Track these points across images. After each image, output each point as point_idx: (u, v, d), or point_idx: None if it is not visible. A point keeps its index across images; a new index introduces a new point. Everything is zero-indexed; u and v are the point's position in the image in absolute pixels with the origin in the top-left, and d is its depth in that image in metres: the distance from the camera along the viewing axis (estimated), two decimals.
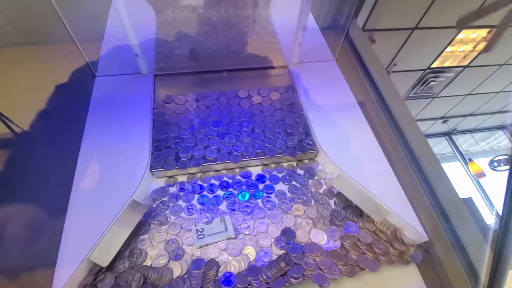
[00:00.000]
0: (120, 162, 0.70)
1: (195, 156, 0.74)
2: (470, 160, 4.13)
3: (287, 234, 0.67)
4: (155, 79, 0.88)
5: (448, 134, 4.37)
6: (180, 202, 0.71)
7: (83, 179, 0.67)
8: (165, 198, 0.71)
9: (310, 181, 0.76)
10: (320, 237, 0.67)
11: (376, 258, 0.64)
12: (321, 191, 0.75)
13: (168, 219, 0.68)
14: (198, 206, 0.70)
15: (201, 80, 0.91)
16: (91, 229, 0.60)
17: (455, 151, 4.41)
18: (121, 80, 0.85)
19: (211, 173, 0.76)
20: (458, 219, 0.71)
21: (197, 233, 0.66)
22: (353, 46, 1.07)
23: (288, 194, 0.74)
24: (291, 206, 0.72)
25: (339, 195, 0.74)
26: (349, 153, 0.76)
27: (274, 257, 0.64)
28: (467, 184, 4.18)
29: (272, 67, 0.95)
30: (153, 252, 0.63)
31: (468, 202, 2.63)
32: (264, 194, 0.73)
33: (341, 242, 0.66)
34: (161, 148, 0.74)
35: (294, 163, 0.80)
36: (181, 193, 0.72)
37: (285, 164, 0.79)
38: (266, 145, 0.78)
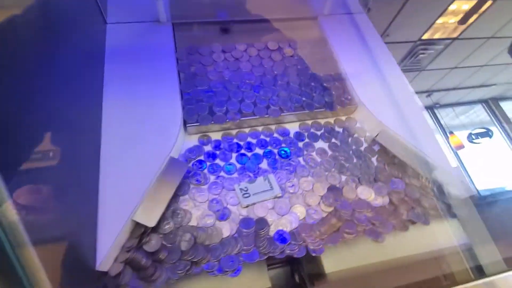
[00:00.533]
0: (150, 118, 0.63)
1: (230, 110, 0.68)
2: (451, 133, 4.32)
3: (334, 191, 0.64)
4: (174, 28, 0.78)
5: (430, 108, 4.51)
6: (218, 161, 0.65)
7: (112, 138, 0.59)
8: (201, 157, 0.65)
9: (350, 138, 0.73)
10: (367, 194, 0.65)
11: (427, 212, 0.63)
12: (362, 148, 0.72)
13: (208, 179, 0.63)
14: (238, 165, 0.65)
15: (224, 30, 0.82)
16: (129, 190, 0.54)
17: (437, 124, 4.59)
18: (137, 28, 0.74)
19: (247, 130, 0.70)
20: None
21: (241, 192, 0.61)
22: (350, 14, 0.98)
23: (330, 152, 0.70)
24: (334, 163, 0.68)
25: (381, 152, 0.71)
26: (390, 108, 0.73)
27: (324, 215, 0.61)
28: (447, 156, 4.39)
29: (301, 18, 0.87)
30: (198, 212, 0.58)
31: (457, 170, 2.77)
32: (305, 152, 0.69)
33: (389, 198, 0.65)
34: (192, 102, 0.67)
35: (332, 120, 0.76)
36: (218, 152, 0.66)
37: (322, 122, 0.75)
38: (304, 99, 0.73)
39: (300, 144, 0.70)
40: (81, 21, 0.70)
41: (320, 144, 0.71)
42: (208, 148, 0.67)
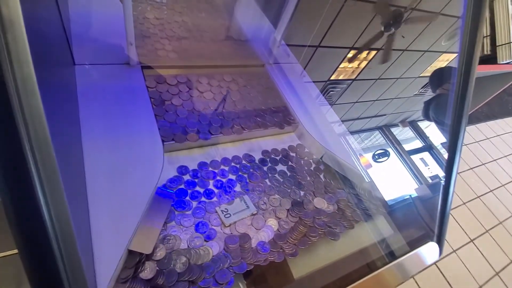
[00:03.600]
0: (132, 151, 0.66)
1: (201, 131, 0.78)
2: (360, 154, 5.18)
3: (297, 204, 0.78)
4: (142, 69, 0.85)
5: (343, 135, 5.36)
6: (198, 188, 0.72)
7: (96, 174, 0.60)
8: (182, 186, 0.71)
9: (302, 161, 0.90)
10: (321, 204, 0.81)
11: (364, 212, 0.82)
12: (312, 168, 0.90)
13: (191, 205, 0.69)
14: (216, 190, 0.74)
15: (187, 71, 0.93)
16: (121, 222, 0.56)
17: (349, 148, 5.45)
18: (107, 70, 0.78)
19: (218, 146, 0.81)
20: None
21: (223, 213, 0.69)
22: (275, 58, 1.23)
23: (289, 173, 0.85)
24: (293, 182, 0.83)
25: (326, 170, 0.90)
26: (328, 135, 0.94)
27: (292, 224, 0.74)
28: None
29: (252, 66, 1.05)
30: (186, 236, 0.63)
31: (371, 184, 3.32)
32: (270, 174, 0.82)
33: (337, 205, 0.82)
34: (166, 124, 0.76)
35: (286, 146, 0.92)
36: (196, 180, 0.73)
37: (279, 148, 0.90)
38: (259, 119, 0.89)
39: (265, 168, 0.83)
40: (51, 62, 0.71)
41: (280, 167, 0.86)
42: (187, 177, 0.73)
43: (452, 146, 0.73)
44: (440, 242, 0.77)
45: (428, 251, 0.76)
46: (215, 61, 0.99)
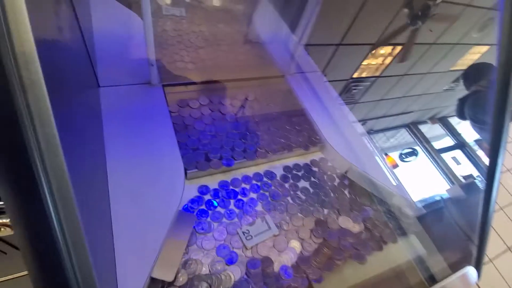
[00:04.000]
0: (154, 174, 0.67)
1: (224, 157, 0.76)
2: (386, 154, 4.97)
3: (321, 224, 0.75)
4: (164, 88, 0.85)
5: (366, 134, 5.19)
6: (219, 208, 0.72)
7: (120, 197, 0.61)
8: (203, 206, 0.71)
9: (325, 176, 0.87)
10: (347, 223, 0.77)
11: (393, 232, 0.78)
12: (335, 184, 0.86)
13: (212, 226, 0.68)
14: (237, 210, 0.72)
15: (208, 88, 0.92)
16: (144, 247, 0.56)
17: (373, 147, 5.25)
18: (130, 91, 0.80)
19: (241, 172, 0.79)
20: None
21: (244, 235, 0.68)
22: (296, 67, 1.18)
23: (311, 190, 0.82)
24: (316, 199, 0.80)
25: (351, 186, 0.86)
26: (353, 148, 0.89)
27: (315, 246, 0.71)
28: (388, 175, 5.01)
29: (272, 77, 1.02)
30: (208, 260, 0.63)
31: (399, 187, 3.18)
32: (292, 192, 0.80)
33: (364, 224, 0.78)
34: (189, 150, 0.75)
35: (308, 161, 0.89)
36: (217, 200, 0.73)
37: (301, 163, 0.87)
38: (283, 141, 0.85)
39: (286, 185, 0.81)
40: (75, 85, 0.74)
41: (303, 183, 0.83)
42: (208, 197, 0.73)
43: (494, 152, 0.65)
44: (478, 266, 0.71)
45: (466, 277, 0.70)
46: (234, 73, 0.97)
